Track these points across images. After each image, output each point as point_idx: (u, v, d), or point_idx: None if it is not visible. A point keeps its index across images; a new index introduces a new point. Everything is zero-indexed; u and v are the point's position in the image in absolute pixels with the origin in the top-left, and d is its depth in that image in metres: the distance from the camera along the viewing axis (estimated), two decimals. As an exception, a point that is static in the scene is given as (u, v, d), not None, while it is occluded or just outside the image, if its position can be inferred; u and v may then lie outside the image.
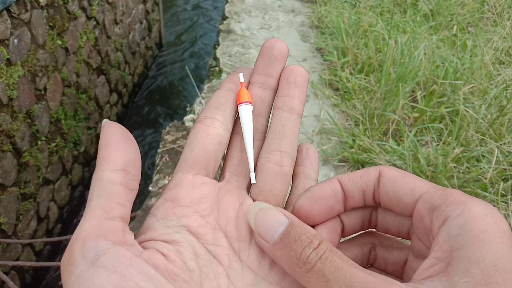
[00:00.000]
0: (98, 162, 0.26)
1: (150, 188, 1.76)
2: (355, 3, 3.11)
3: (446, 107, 1.94)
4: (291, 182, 0.32)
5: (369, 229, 0.31)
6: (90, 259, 0.22)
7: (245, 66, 0.34)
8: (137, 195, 0.31)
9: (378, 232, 0.31)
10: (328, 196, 0.29)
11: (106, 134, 0.27)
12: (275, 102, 0.32)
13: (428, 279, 0.22)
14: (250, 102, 0.31)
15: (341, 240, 0.31)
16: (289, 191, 0.33)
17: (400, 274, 0.29)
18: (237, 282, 0.26)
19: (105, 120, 0.28)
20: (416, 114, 1.97)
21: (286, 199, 0.32)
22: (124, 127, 0.28)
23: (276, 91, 0.32)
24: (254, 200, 0.30)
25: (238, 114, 0.32)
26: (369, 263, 0.31)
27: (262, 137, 0.32)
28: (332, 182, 0.29)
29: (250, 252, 0.28)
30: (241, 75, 0.32)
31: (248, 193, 0.31)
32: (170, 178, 0.30)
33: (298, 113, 0.31)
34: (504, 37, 2.53)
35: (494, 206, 1.26)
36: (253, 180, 0.30)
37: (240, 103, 0.31)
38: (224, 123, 0.30)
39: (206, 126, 0.30)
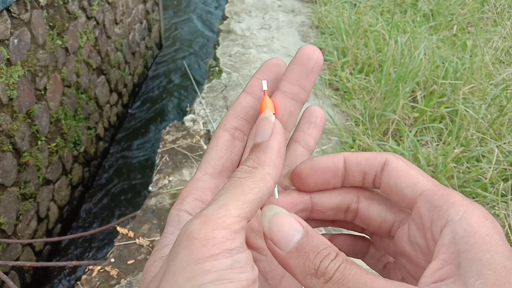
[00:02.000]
0: (267, 163, 0.27)
1: (150, 188, 1.76)
2: (355, 3, 3.11)
3: (446, 107, 1.94)
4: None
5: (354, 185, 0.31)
6: (230, 249, 0.23)
7: (269, 66, 0.33)
8: (136, 195, 0.31)
9: (363, 187, 0.31)
10: (328, 169, 0.30)
11: (280, 140, 0.28)
12: (293, 134, 0.33)
13: (442, 282, 0.22)
14: (274, 114, 0.30)
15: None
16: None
17: (380, 232, 0.30)
18: None
19: (272, 115, 0.29)
20: (416, 114, 1.97)
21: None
22: (285, 137, 0.31)
23: (304, 103, 0.32)
24: None
25: None
26: (349, 219, 0.32)
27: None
28: (337, 157, 0.30)
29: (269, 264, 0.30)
30: (264, 83, 0.31)
31: None
32: (193, 175, 0.31)
33: (310, 151, 0.34)
34: (504, 37, 2.53)
35: (494, 206, 1.25)
36: (276, 196, 0.30)
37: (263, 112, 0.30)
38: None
39: (234, 139, 0.32)
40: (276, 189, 0.30)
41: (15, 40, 2.37)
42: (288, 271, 0.25)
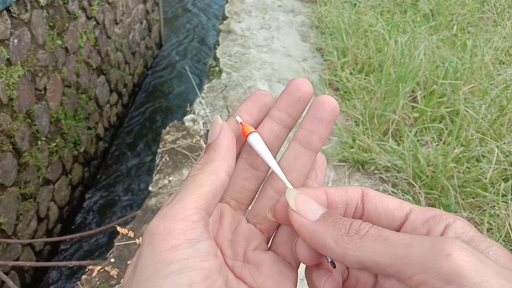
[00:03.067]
0: (217, 158, 0.30)
1: (150, 188, 1.76)
2: (355, 3, 3.11)
3: (446, 107, 1.94)
4: None
5: None
6: (190, 239, 0.25)
7: (257, 96, 0.34)
8: (136, 195, 0.32)
9: None
10: None
11: (228, 137, 0.31)
12: (296, 133, 0.34)
13: None
14: (255, 131, 0.33)
15: None
16: None
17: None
18: None
19: (219, 119, 0.32)
20: (416, 114, 1.97)
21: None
22: (233, 134, 0.32)
23: (291, 129, 0.34)
24: (248, 222, 0.34)
25: (248, 144, 0.34)
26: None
27: (268, 169, 0.34)
28: (319, 190, 0.30)
29: (242, 269, 0.31)
30: (238, 118, 0.33)
31: (245, 216, 0.35)
32: (172, 196, 0.31)
33: (315, 150, 0.33)
34: (504, 37, 2.53)
35: (494, 206, 1.25)
36: (290, 187, 0.32)
37: (247, 135, 0.33)
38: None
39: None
40: (288, 183, 0.32)
41: (15, 40, 2.37)
42: (313, 239, 0.26)
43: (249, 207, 0.35)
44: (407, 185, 1.64)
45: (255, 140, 0.32)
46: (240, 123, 0.33)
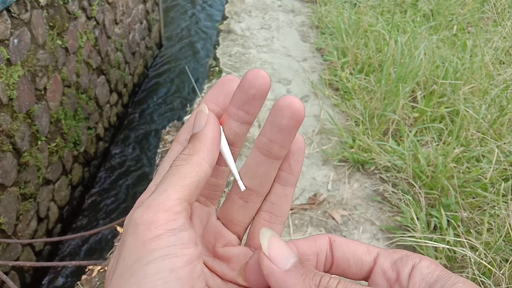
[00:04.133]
0: (202, 149, 0.29)
1: (150, 188, 1.76)
2: (355, 3, 3.11)
3: (446, 107, 1.94)
4: (254, 215, 0.34)
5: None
6: (173, 229, 0.25)
7: (222, 81, 0.33)
8: (137, 195, 0.32)
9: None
10: None
11: (214, 128, 0.30)
12: (257, 138, 0.32)
13: None
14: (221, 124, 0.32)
15: None
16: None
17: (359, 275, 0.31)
18: (209, 283, 0.31)
19: (206, 108, 0.31)
20: (416, 114, 1.97)
21: (248, 227, 0.35)
22: (220, 126, 0.32)
23: (251, 124, 0.33)
24: (218, 219, 0.34)
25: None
26: None
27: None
28: (289, 243, 0.30)
29: (213, 264, 0.32)
30: (204, 106, 0.32)
31: (216, 212, 0.35)
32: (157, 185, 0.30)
33: (277, 157, 0.32)
34: (504, 37, 2.53)
35: (494, 206, 1.25)
36: (242, 188, 0.32)
37: None
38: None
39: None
40: (240, 182, 0.32)
41: (15, 40, 2.37)
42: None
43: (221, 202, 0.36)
44: (407, 185, 1.64)
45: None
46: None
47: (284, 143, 0.31)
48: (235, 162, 0.33)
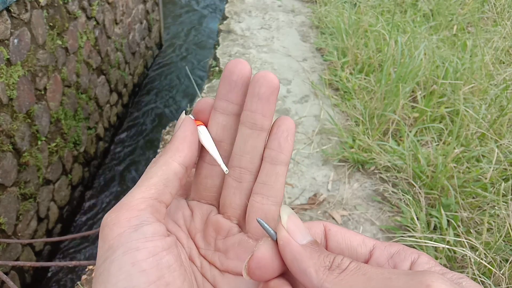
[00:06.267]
0: (170, 149, 0.31)
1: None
2: (355, 3, 3.11)
3: (446, 107, 1.94)
4: (249, 195, 0.34)
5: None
6: (134, 225, 0.26)
7: (201, 103, 0.35)
8: None
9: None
10: None
11: (186, 129, 0.32)
12: (241, 116, 0.33)
13: None
14: (201, 124, 0.34)
15: None
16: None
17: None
18: (207, 276, 0.32)
19: (184, 115, 0.33)
20: (416, 114, 1.97)
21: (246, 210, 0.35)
22: (196, 127, 0.33)
23: (239, 115, 0.33)
24: (219, 213, 0.35)
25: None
26: None
27: (226, 162, 0.34)
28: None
29: (212, 256, 0.33)
30: (182, 114, 0.34)
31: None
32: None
33: (262, 128, 0.32)
34: (504, 37, 2.53)
35: (494, 206, 1.25)
36: (225, 170, 0.33)
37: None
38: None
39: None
40: (223, 165, 0.33)
41: (15, 40, 2.37)
42: (295, 262, 0.26)
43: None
44: (407, 185, 1.64)
45: (200, 131, 0.33)
46: (194, 119, 0.34)
47: (265, 111, 0.32)
48: (221, 157, 0.34)
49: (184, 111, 0.34)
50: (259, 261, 0.27)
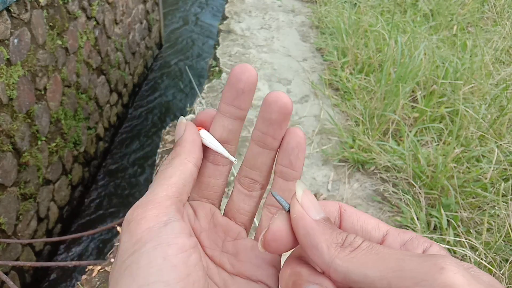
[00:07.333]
0: (183, 151, 0.32)
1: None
2: (355, 3, 3.11)
3: (446, 107, 1.94)
4: (258, 204, 0.36)
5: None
6: (163, 221, 0.26)
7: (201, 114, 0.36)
8: (137, 195, 0.33)
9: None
10: None
11: (192, 133, 0.33)
12: (252, 132, 0.34)
13: None
14: (202, 129, 0.35)
15: None
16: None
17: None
18: (214, 279, 0.31)
19: (183, 119, 0.34)
20: (416, 114, 1.97)
21: (253, 218, 0.36)
22: (198, 131, 0.34)
23: (243, 119, 0.34)
24: (224, 215, 0.35)
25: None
26: None
27: (228, 162, 0.35)
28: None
29: (221, 257, 0.33)
30: (181, 118, 0.35)
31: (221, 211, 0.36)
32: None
33: (272, 148, 0.33)
34: (504, 37, 2.53)
35: (494, 206, 1.25)
36: (234, 160, 0.34)
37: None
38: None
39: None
40: (230, 156, 0.34)
41: (15, 40, 2.37)
42: (308, 236, 0.26)
43: (223, 203, 0.37)
44: (407, 185, 1.64)
45: (202, 135, 0.34)
46: (194, 124, 0.35)
47: (276, 135, 0.33)
48: (232, 160, 0.35)
49: (182, 116, 0.35)
50: (275, 233, 0.27)
